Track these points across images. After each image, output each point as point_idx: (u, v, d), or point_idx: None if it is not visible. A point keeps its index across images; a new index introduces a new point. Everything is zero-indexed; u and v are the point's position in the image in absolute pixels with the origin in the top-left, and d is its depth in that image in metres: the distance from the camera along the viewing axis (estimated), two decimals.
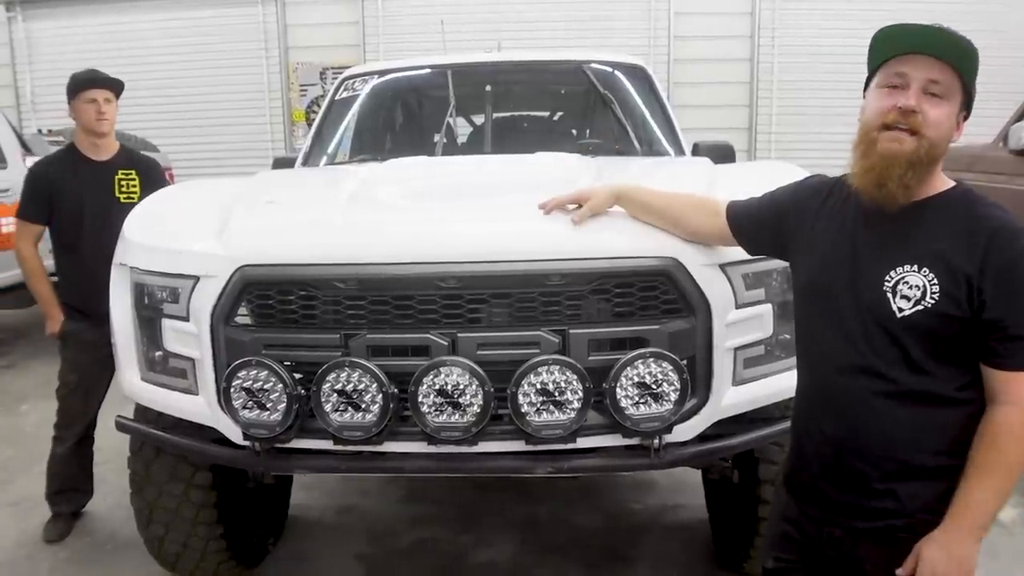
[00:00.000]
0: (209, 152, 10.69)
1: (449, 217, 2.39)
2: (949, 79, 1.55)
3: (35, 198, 3.43)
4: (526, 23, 10.25)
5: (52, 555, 3.40)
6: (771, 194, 1.95)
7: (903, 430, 1.59)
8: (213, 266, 2.25)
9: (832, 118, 10.18)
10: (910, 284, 1.55)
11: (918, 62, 1.56)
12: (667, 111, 4.14)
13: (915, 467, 1.60)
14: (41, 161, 3.62)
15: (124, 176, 3.45)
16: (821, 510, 1.74)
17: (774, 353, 2.33)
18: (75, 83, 3.39)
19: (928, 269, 1.54)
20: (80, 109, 3.38)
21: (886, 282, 1.58)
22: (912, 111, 1.54)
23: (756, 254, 2.08)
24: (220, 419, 2.29)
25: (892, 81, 1.59)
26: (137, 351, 2.50)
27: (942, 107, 1.55)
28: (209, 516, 2.76)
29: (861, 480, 1.65)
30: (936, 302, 1.53)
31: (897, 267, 1.58)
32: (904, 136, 1.55)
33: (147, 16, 10.87)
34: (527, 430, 2.09)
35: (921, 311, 1.54)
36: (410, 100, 4.77)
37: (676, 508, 3.71)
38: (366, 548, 3.44)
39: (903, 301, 1.56)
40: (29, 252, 3.48)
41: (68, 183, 3.40)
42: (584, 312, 2.19)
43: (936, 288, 1.53)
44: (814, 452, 1.74)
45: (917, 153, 1.54)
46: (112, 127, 3.47)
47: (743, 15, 10.31)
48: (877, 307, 1.59)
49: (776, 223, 1.88)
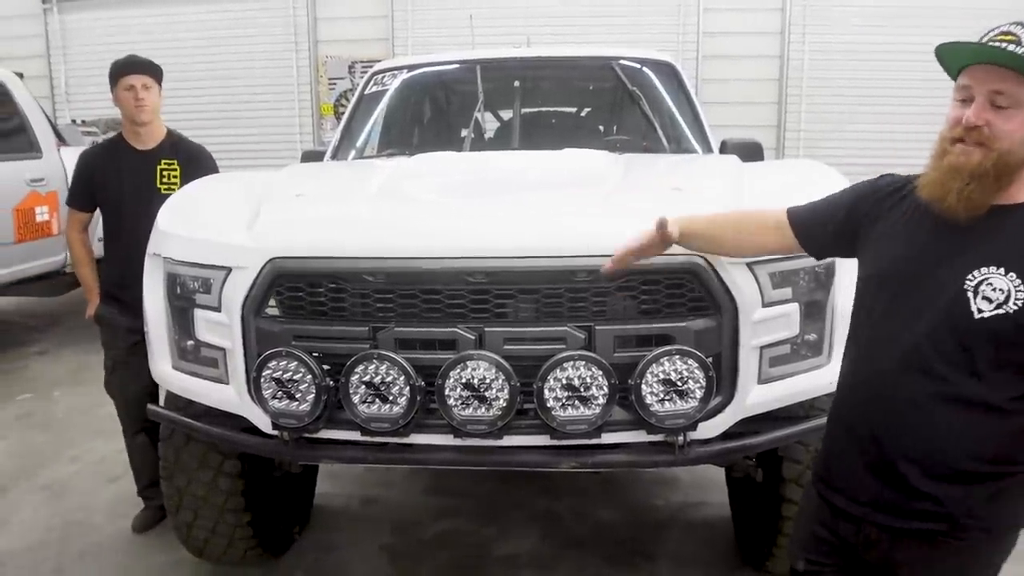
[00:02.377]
0: (238, 144, 10.76)
1: (477, 212, 2.41)
2: (1015, 88, 1.49)
3: (79, 186, 3.51)
4: (555, 18, 10.22)
5: (83, 537, 3.47)
6: (839, 196, 1.90)
7: (953, 435, 1.56)
8: (244, 258, 2.29)
9: (861, 116, 10.07)
10: (994, 287, 1.51)
11: (979, 73, 1.52)
12: (695, 108, 4.12)
13: (961, 472, 1.57)
14: (88, 150, 3.67)
15: (167, 166, 3.43)
16: (859, 506, 1.70)
17: (800, 352, 2.33)
18: (114, 70, 3.38)
19: (1015, 274, 1.50)
20: (120, 97, 3.37)
21: (967, 281, 1.53)
22: (973, 127, 1.50)
23: (823, 257, 2.02)
24: (250, 408, 2.33)
25: (960, 94, 1.56)
26: (169, 340, 2.54)
27: (1013, 118, 1.50)
28: (237, 503, 2.81)
29: (904, 479, 1.62)
30: (1020, 308, 1.48)
31: (981, 267, 1.53)
32: (972, 149, 1.51)
33: (179, 8, 10.97)
34: (552, 425, 2.11)
35: (1002, 315, 1.49)
36: (438, 95, 4.79)
37: (699, 505, 3.71)
38: (390, 539, 3.47)
39: (984, 303, 1.51)
40: (74, 238, 3.57)
41: (111, 172, 3.42)
42: (610, 308, 2.20)
43: (1022, 294, 1.49)
44: (857, 448, 1.70)
45: (983, 165, 1.50)
46: (153, 114, 3.43)
47: (774, 11, 10.21)
48: (954, 306, 1.54)
49: (848, 225, 1.82)
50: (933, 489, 1.59)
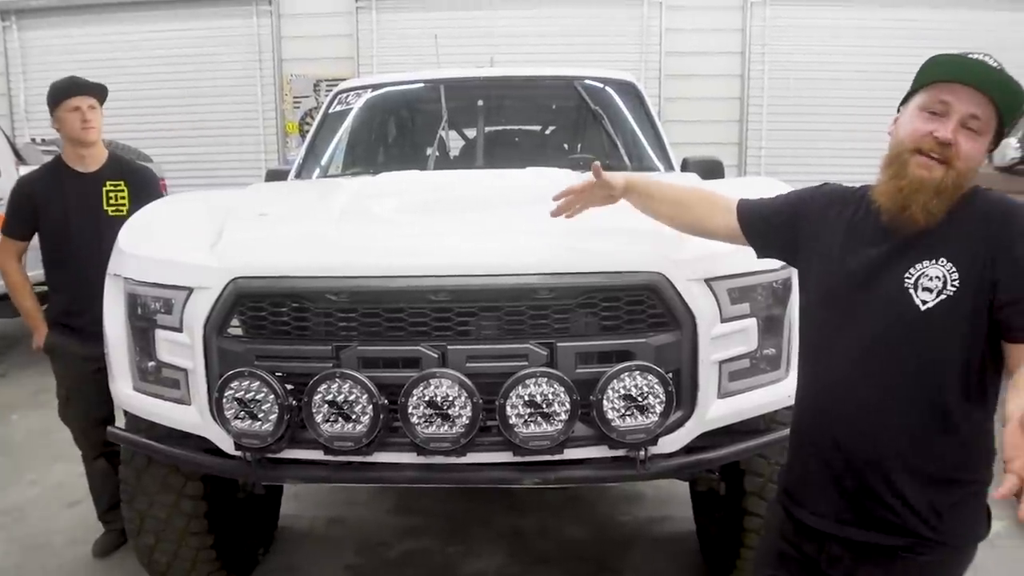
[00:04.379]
0: (202, 163, 10.70)
1: (440, 231, 2.42)
2: (988, 115, 1.55)
3: (17, 215, 3.35)
4: (519, 38, 10.32)
5: (42, 563, 3.40)
6: (785, 196, 1.94)
7: (914, 440, 1.60)
8: (207, 278, 2.27)
9: (821, 134, 10.29)
10: (930, 276, 1.55)
11: (963, 94, 1.55)
12: (656, 127, 4.19)
13: (924, 476, 1.60)
14: (26, 177, 3.49)
15: (112, 188, 3.33)
16: (822, 519, 1.72)
17: (759, 366, 2.37)
18: (56, 92, 3.27)
19: (945, 259, 1.55)
20: (64, 119, 3.25)
21: (907, 279, 1.58)
22: (948, 143, 1.54)
23: (763, 255, 2.04)
24: (212, 429, 2.31)
25: (934, 107, 1.58)
26: (130, 361, 2.51)
27: (977, 142, 1.56)
28: (200, 526, 2.77)
29: (865, 489, 1.64)
30: (957, 288, 1.53)
31: (916, 263, 1.58)
32: (935, 164, 1.55)
33: (141, 26, 10.89)
34: (515, 441, 2.12)
35: (944, 301, 1.54)
36: (403, 114, 4.82)
37: (664, 520, 3.74)
38: (355, 559, 3.45)
39: (925, 293, 1.55)
40: (11, 267, 3.41)
41: (53, 198, 3.29)
42: (572, 325, 2.22)
43: (955, 276, 1.53)
44: (819, 460, 1.72)
45: (944, 182, 1.54)
46: (99, 135, 3.33)
47: (734, 31, 10.41)
48: (899, 305, 1.58)
49: (790, 225, 1.86)
50: (893, 499, 1.62)
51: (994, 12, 10.11)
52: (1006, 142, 5.54)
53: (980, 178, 1.63)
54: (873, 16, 10.10)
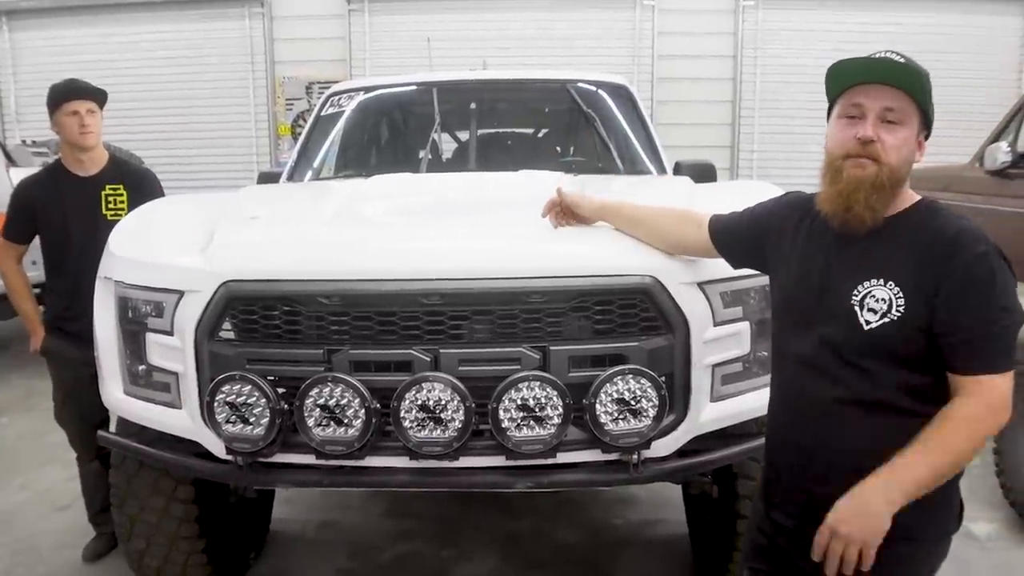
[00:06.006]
0: (195, 165, 10.65)
1: (433, 234, 2.41)
2: (904, 104, 1.61)
3: (17, 219, 3.35)
4: (512, 41, 10.31)
5: (31, 568, 3.38)
6: (751, 209, 1.99)
7: (867, 440, 1.64)
8: (198, 281, 2.26)
9: (813, 137, 10.26)
10: (876, 297, 1.61)
11: (872, 92, 1.62)
12: (649, 130, 4.19)
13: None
14: (26, 180, 3.48)
15: (112, 191, 3.32)
16: (794, 519, 1.77)
17: (752, 370, 2.38)
18: (55, 95, 3.26)
19: (893, 283, 1.60)
20: (62, 122, 3.24)
21: (854, 296, 1.64)
22: (870, 140, 1.60)
23: (738, 267, 2.10)
24: (203, 433, 2.30)
25: (850, 112, 1.65)
26: (120, 365, 2.50)
27: (899, 132, 1.62)
28: (190, 530, 2.76)
29: (833, 488, 1.66)
30: (902, 314, 1.58)
31: (864, 281, 1.63)
32: (866, 162, 1.61)
33: (133, 28, 10.84)
34: (508, 445, 2.12)
35: (887, 323, 1.60)
36: (395, 116, 4.81)
37: (657, 523, 3.74)
38: (347, 563, 3.44)
39: (870, 314, 1.61)
40: (10, 270, 3.41)
41: (52, 202, 3.29)
42: (565, 329, 2.22)
43: (901, 301, 1.59)
44: (787, 463, 1.80)
45: (879, 178, 1.60)
46: (98, 139, 3.33)
47: (726, 35, 10.42)
48: (846, 320, 1.64)
49: (757, 238, 1.93)
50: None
51: (987, 16, 10.18)
52: (996, 146, 5.56)
53: (972, 182, 1.66)
54: (865, 20, 10.13)
